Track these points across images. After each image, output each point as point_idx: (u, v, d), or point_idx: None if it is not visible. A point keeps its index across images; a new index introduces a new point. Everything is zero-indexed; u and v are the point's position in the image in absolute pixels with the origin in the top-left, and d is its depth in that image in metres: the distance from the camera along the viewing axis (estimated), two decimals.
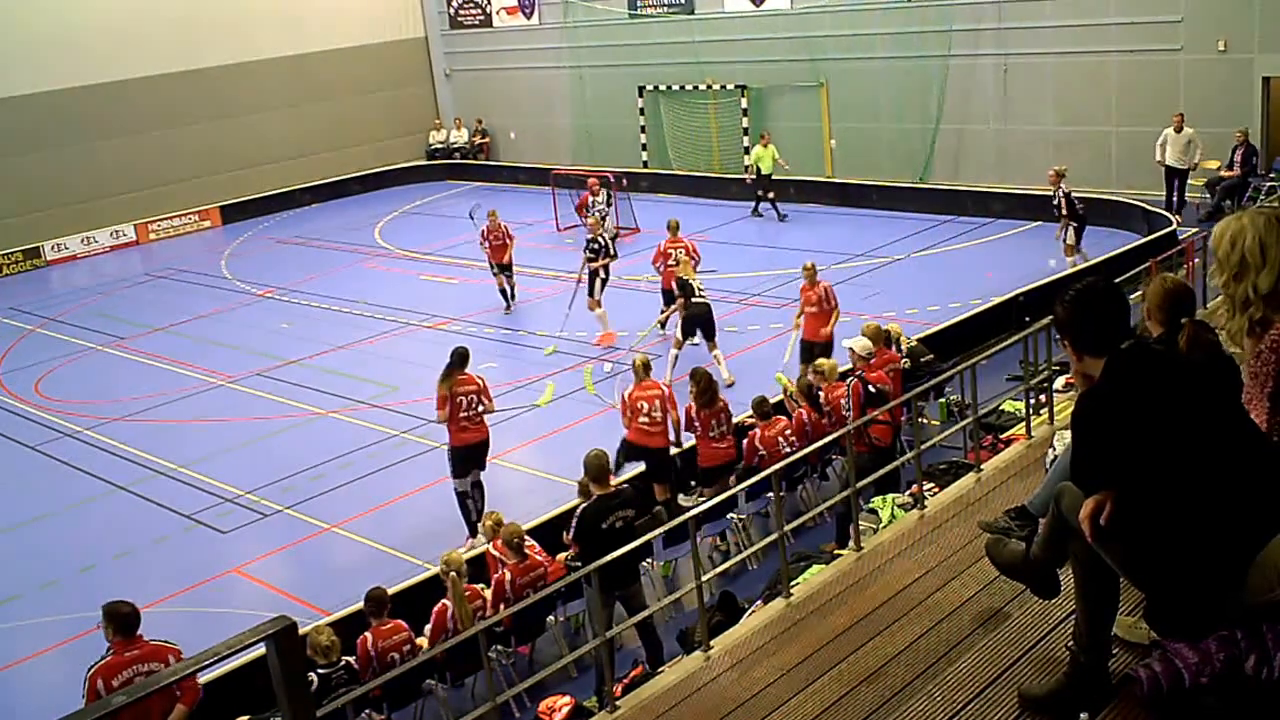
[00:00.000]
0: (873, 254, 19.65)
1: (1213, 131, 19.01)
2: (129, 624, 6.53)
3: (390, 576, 9.75)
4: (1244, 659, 3.37)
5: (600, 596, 7.26)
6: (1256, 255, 3.62)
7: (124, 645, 6.49)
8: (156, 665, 6.44)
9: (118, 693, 2.91)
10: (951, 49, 22.13)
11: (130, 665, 6.43)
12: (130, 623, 6.54)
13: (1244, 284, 3.64)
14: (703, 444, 11.00)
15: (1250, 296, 3.64)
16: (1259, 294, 3.62)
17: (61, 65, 25.93)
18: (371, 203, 29.46)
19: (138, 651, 6.48)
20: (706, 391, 10.84)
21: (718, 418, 10.89)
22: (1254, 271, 3.62)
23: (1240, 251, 3.65)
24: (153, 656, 6.49)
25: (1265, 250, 3.61)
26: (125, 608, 6.57)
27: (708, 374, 11.10)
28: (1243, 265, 3.65)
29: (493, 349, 16.82)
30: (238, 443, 14.32)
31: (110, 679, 6.38)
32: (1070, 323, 3.58)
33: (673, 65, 26.65)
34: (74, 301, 22.06)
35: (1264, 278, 3.60)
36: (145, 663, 6.45)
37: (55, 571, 11.56)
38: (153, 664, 6.46)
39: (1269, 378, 3.57)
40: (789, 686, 5.65)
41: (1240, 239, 3.66)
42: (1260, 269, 3.61)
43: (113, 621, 6.53)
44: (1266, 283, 3.60)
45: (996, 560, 4.54)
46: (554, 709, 8.02)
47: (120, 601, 6.64)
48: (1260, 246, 3.61)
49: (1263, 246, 3.61)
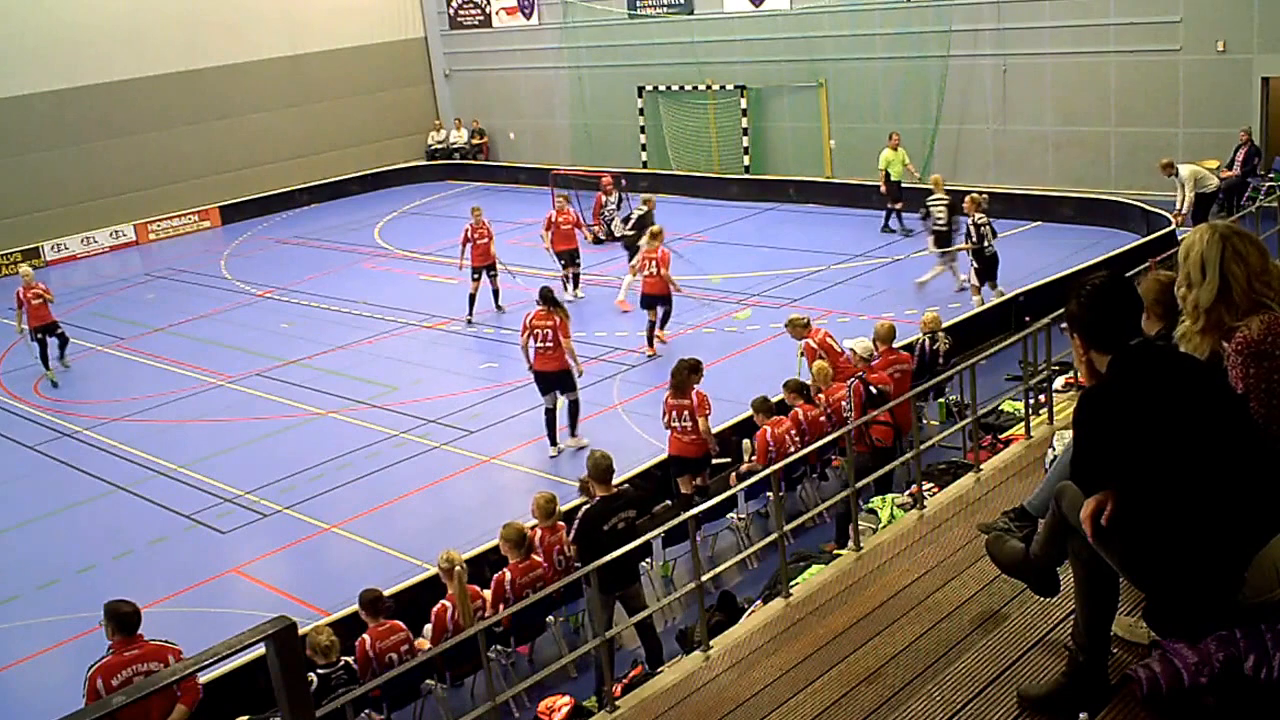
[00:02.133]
0: (872, 254, 19.66)
1: (1212, 132, 19.03)
2: (129, 623, 6.52)
3: (390, 576, 9.76)
4: (1243, 659, 3.38)
5: (600, 597, 7.26)
6: (1197, 270, 3.65)
7: (124, 645, 6.48)
8: (156, 665, 6.43)
9: (117, 693, 2.91)
10: (951, 49, 22.14)
11: (130, 665, 6.41)
12: (131, 622, 6.53)
13: (1194, 293, 3.68)
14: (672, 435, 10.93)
15: (1198, 304, 3.67)
16: (1199, 307, 3.65)
17: (61, 65, 25.95)
18: (371, 203, 29.47)
19: (138, 651, 6.47)
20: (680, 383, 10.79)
21: (679, 410, 10.80)
22: (1196, 286, 3.66)
23: (1189, 264, 3.69)
24: (153, 656, 6.48)
25: (1205, 266, 3.63)
26: (126, 607, 6.56)
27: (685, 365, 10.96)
28: (1189, 277, 3.69)
29: (492, 349, 16.84)
30: (237, 443, 14.32)
31: (110, 679, 6.36)
32: (1085, 317, 3.57)
33: (672, 65, 26.66)
34: (74, 302, 22.04)
35: (1203, 292, 3.63)
36: (145, 662, 6.44)
37: (55, 571, 11.56)
38: (152, 664, 6.44)
39: (1238, 380, 3.59)
40: (788, 686, 5.65)
41: (1191, 250, 3.70)
42: (1200, 284, 3.64)
43: (113, 620, 6.52)
44: (1206, 298, 3.62)
45: (996, 558, 4.55)
46: (553, 709, 8.02)
47: (121, 601, 6.63)
48: (1201, 261, 3.64)
49: (1203, 261, 3.63)
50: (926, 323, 12.62)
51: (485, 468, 12.93)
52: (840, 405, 10.76)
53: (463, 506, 12.26)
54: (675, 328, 16.48)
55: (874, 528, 8.75)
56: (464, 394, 15.01)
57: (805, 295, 17.60)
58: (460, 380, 15.60)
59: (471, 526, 11.02)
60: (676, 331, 16.41)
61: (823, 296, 17.54)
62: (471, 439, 13.64)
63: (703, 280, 18.83)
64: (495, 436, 13.69)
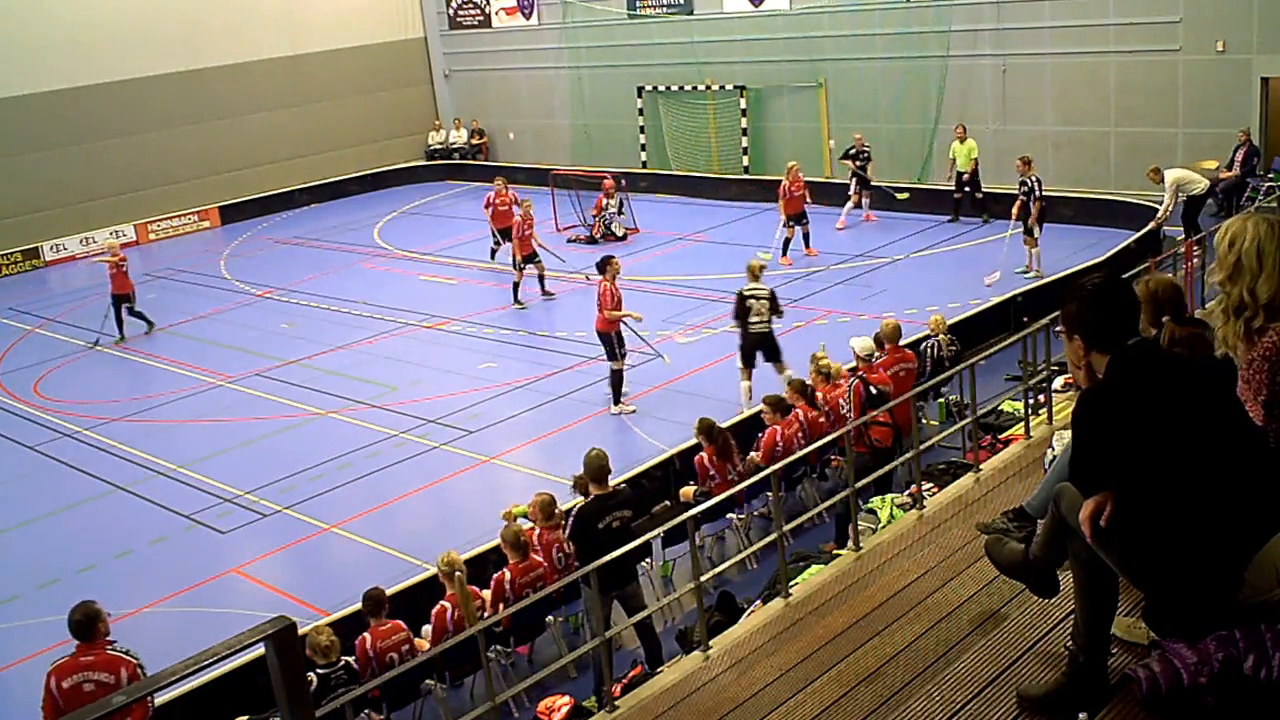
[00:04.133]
0: (872, 254, 19.66)
1: (1211, 132, 19.03)
2: (80, 630, 6.56)
3: (390, 576, 9.75)
4: (1242, 659, 3.38)
5: (598, 597, 7.27)
6: (1253, 259, 3.59)
7: (84, 649, 6.56)
8: (105, 675, 6.47)
9: (117, 692, 2.92)
10: (950, 49, 22.14)
11: (81, 670, 6.49)
12: (83, 629, 6.56)
13: (1238, 287, 3.63)
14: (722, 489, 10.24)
15: (1245, 300, 3.62)
16: (1257, 301, 3.60)
17: (61, 65, 25.93)
18: (370, 203, 29.46)
19: (92, 658, 6.52)
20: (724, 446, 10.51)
21: (733, 461, 10.58)
22: (1249, 276, 3.60)
23: (1237, 253, 3.63)
24: (104, 666, 6.50)
25: (1263, 256, 3.58)
26: (77, 614, 6.58)
27: (722, 429, 10.68)
28: (1237, 268, 3.63)
29: (492, 349, 16.85)
30: (237, 443, 14.32)
31: (62, 679, 6.49)
32: (1085, 317, 3.54)
33: (672, 66, 26.65)
34: (73, 302, 22.05)
35: (1262, 285, 3.57)
36: (95, 670, 6.48)
37: (55, 571, 11.55)
38: (102, 674, 6.47)
39: (1262, 386, 3.56)
40: (788, 686, 5.65)
41: (1239, 240, 3.64)
42: (1257, 275, 3.59)
43: (69, 625, 6.58)
44: (1265, 290, 3.57)
45: (995, 560, 4.54)
46: (553, 709, 8.03)
47: (79, 605, 6.67)
48: (1258, 251, 3.58)
49: (1260, 252, 3.58)
50: (933, 325, 12.55)
51: (485, 468, 12.93)
52: (839, 405, 10.76)
53: (462, 507, 12.27)
54: (675, 327, 16.49)
55: (873, 528, 8.75)
56: (463, 394, 15.01)
57: (805, 295, 17.60)
58: (460, 380, 15.59)
59: (471, 526, 11.01)
60: (676, 331, 16.42)
61: (823, 296, 17.54)
62: (471, 439, 13.65)
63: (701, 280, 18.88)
64: (495, 436, 13.69)
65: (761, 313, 13.29)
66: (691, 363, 15.26)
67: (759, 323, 13.29)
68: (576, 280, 19.10)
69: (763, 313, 13.29)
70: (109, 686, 6.37)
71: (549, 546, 9.03)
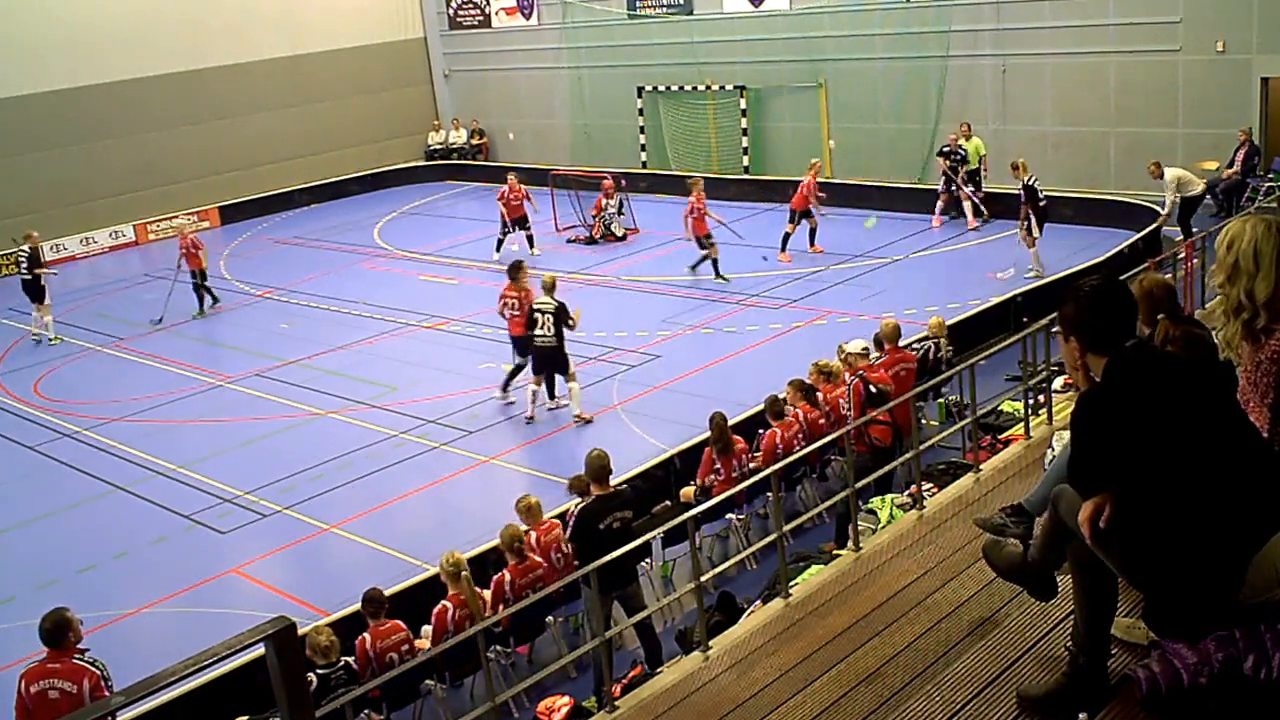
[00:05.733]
0: (872, 254, 19.66)
1: (1211, 132, 19.03)
2: (50, 637, 6.60)
3: (390, 577, 9.76)
4: (1242, 659, 3.38)
5: (598, 597, 7.27)
6: (1250, 260, 3.61)
7: (53, 656, 6.60)
8: (68, 684, 6.51)
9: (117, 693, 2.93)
10: (950, 49, 22.14)
11: (47, 676, 6.55)
12: (52, 637, 6.60)
13: (1237, 288, 3.64)
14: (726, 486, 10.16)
15: (1243, 302, 3.63)
16: (1255, 301, 3.61)
17: (61, 65, 25.92)
18: (370, 203, 29.45)
19: (58, 666, 6.56)
20: (721, 439, 10.52)
21: (739, 459, 10.59)
22: (1246, 277, 3.61)
23: (1235, 254, 3.65)
24: (67, 675, 6.54)
25: (1259, 257, 3.60)
26: (48, 622, 6.63)
27: (721, 420, 10.68)
28: (1235, 269, 3.65)
29: (491, 349, 16.82)
30: (237, 443, 14.32)
31: (30, 684, 6.56)
32: (1082, 319, 3.54)
33: (672, 66, 26.64)
34: (74, 301, 22.05)
35: (1259, 284, 3.59)
36: (59, 678, 6.53)
37: (55, 571, 11.54)
38: (65, 683, 6.51)
39: (1269, 389, 3.56)
40: (788, 687, 5.65)
41: (1237, 242, 3.66)
42: (1254, 275, 3.60)
43: (39, 632, 6.63)
44: (1263, 290, 3.59)
45: (993, 563, 4.54)
46: (553, 709, 8.03)
47: (50, 612, 6.71)
48: (1255, 252, 3.60)
49: (1256, 253, 3.60)
50: (932, 327, 12.53)
51: (485, 468, 12.93)
52: (839, 405, 10.75)
53: (462, 507, 12.27)
54: (674, 327, 16.49)
55: (873, 528, 8.75)
56: (463, 394, 15.01)
57: (805, 295, 17.61)
58: (459, 380, 15.59)
59: (471, 527, 11.00)
60: (675, 331, 16.42)
61: (823, 296, 17.55)
62: (471, 439, 13.65)
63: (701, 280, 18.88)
64: (494, 436, 13.69)
65: (547, 326, 13.46)
66: (692, 363, 15.27)
67: (544, 337, 13.48)
68: (576, 280, 19.10)
69: (548, 327, 13.46)
70: (70, 695, 6.45)
71: (547, 548, 9.03)
